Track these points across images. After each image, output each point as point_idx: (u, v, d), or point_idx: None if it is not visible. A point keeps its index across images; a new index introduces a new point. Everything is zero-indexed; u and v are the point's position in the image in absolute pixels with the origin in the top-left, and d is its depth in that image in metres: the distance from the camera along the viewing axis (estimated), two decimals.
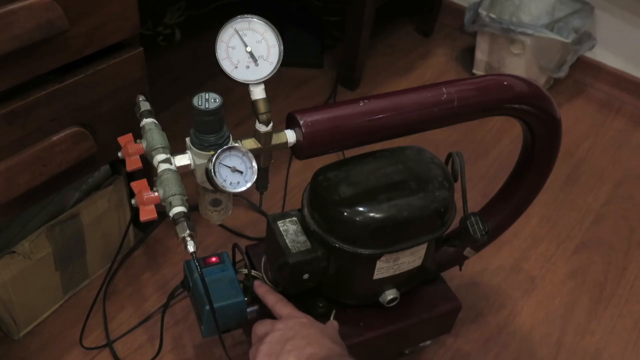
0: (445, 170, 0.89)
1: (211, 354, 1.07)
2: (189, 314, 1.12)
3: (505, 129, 1.61)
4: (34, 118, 0.82)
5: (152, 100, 0.85)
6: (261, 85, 0.71)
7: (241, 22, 0.69)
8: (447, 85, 0.80)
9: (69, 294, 1.12)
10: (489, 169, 1.50)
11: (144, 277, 1.18)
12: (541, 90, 0.86)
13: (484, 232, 0.86)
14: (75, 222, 1.03)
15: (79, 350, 1.05)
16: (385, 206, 0.82)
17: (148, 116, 0.79)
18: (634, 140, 1.66)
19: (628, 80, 1.77)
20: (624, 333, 1.19)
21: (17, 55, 0.74)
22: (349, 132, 0.76)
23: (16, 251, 0.95)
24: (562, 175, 1.50)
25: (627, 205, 1.46)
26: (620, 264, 1.32)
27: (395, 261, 0.88)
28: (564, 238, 1.36)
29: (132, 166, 0.74)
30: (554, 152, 0.94)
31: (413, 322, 0.97)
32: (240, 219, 1.30)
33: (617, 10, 1.70)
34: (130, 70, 0.92)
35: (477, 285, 1.24)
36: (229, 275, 0.92)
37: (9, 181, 0.82)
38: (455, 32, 1.96)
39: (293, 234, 0.87)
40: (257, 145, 0.73)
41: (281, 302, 0.85)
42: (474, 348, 1.13)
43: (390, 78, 1.75)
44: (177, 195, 0.68)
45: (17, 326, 1.04)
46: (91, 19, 0.82)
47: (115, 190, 1.08)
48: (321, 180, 0.85)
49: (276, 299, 0.86)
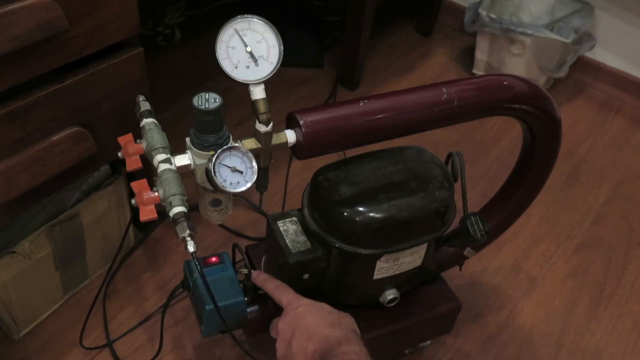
0: (445, 170, 0.89)
1: (211, 354, 1.07)
2: (189, 314, 1.12)
3: (505, 129, 1.61)
4: (34, 118, 0.82)
5: (152, 100, 0.85)
6: (261, 85, 0.71)
7: (241, 22, 0.69)
8: (447, 85, 0.80)
9: (69, 294, 1.12)
10: (489, 169, 1.50)
11: (144, 277, 1.18)
12: (541, 90, 0.86)
13: (484, 232, 0.86)
14: (75, 222, 1.03)
15: (79, 350, 1.05)
16: (385, 206, 0.82)
17: (148, 116, 0.79)
18: (634, 140, 1.66)
19: (628, 80, 1.77)
20: (624, 333, 1.19)
21: (17, 55, 0.74)
22: (349, 132, 0.76)
23: (16, 251, 0.95)
24: (562, 175, 1.50)
25: (627, 205, 1.46)
26: (620, 264, 1.32)
27: (395, 261, 0.88)
28: (564, 238, 1.36)
29: (132, 166, 0.74)
30: (554, 152, 0.94)
31: (413, 322, 0.97)
32: (240, 219, 1.30)
33: (617, 10, 1.70)
34: (130, 70, 0.92)
35: (477, 285, 1.24)
36: (229, 275, 0.92)
37: (9, 181, 0.82)
38: (455, 32, 1.96)
39: (293, 234, 0.87)
40: (257, 145, 0.73)
41: (280, 288, 0.84)
42: (474, 348, 1.13)
43: (390, 78, 1.75)
44: (177, 195, 0.68)
45: (17, 326, 1.04)
46: (91, 19, 0.82)
47: (115, 190, 1.08)
48: (321, 180, 0.85)
49: (275, 285, 0.85)
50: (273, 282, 0.86)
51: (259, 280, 0.88)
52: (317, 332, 0.74)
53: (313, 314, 0.77)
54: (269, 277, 0.88)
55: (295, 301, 0.80)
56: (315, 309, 0.78)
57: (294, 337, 0.76)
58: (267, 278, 0.87)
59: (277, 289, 0.84)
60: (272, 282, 0.86)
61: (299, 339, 0.75)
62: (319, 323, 0.75)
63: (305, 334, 0.75)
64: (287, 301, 0.81)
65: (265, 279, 0.87)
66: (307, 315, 0.77)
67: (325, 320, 0.76)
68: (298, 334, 0.75)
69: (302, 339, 0.74)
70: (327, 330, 0.74)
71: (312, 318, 0.76)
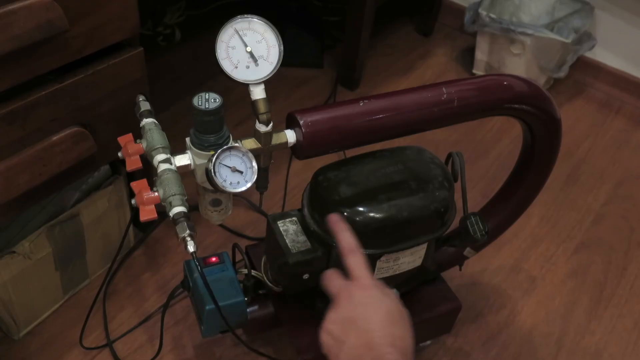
0: (445, 170, 0.89)
1: (211, 354, 1.07)
2: (189, 314, 1.12)
3: (505, 129, 1.61)
4: (34, 118, 0.82)
5: (152, 100, 0.85)
6: (261, 85, 0.71)
7: (241, 22, 0.69)
8: (447, 85, 0.80)
9: (69, 294, 1.12)
10: (489, 169, 1.50)
11: (144, 277, 1.18)
12: (541, 90, 0.86)
13: (484, 232, 0.86)
14: (75, 222, 1.03)
15: (79, 350, 1.05)
16: (385, 206, 0.82)
17: (148, 116, 0.79)
18: (634, 140, 1.66)
19: (628, 80, 1.77)
20: (624, 333, 1.19)
21: (17, 55, 0.74)
22: (349, 132, 0.76)
23: (16, 251, 0.95)
24: (562, 175, 1.50)
25: (627, 205, 1.46)
26: (620, 264, 1.32)
27: (395, 261, 0.88)
28: (564, 238, 1.36)
29: (132, 166, 0.74)
30: (554, 152, 0.94)
31: (413, 322, 0.97)
32: (240, 219, 1.30)
33: (617, 10, 1.70)
34: (130, 70, 0.92)
35: (477, 285, 1.24)
36: (229, 275, 0.92)
37: (9, 181, 0.82)
38: (455, 32, 1.96)
39: (293, 234, 0.87)
40: (257, 145, 0.73)
41: (354, 254, 0.71)
42: (474, 348, 1.13)
43: (390, 78, 1.75)
44: (177, 195, 0.68)
45: (17, 326, 1.04)
46: (91, 19, 0.82)
47: (115, 190, 1.08)
48: (321, 180, 0.85)
49: (350, 247, 0.72)
50: (348, 240, 0.72)
51: (336, 227, 0.74)
52: (376, 349, 0.64)
53: (382, 315, 0.67)
54: (348, 228, 0.73)
55: (367, 281, 0.69)
56: (385, 308, 0.68)
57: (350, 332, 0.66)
58: (345, 229, 0.73)
59: (350, 252, 0.71)
60: (348, 239, 0.72)
61: (356, 340, 0.65)
62: (383, 334, 0.65)
63: (364, 337, 0.65)
64: (357, 277, 0.70)
65: (343, 229, 0.73)
66: (374, 313, 0.67)
67: (389, 332, 0.66)
68: (358, 333, 0.66)
69: (359, 342, 0.65)
70: (388, 350, 0.64)
71: (378, 324, 0.66)
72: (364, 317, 0.66)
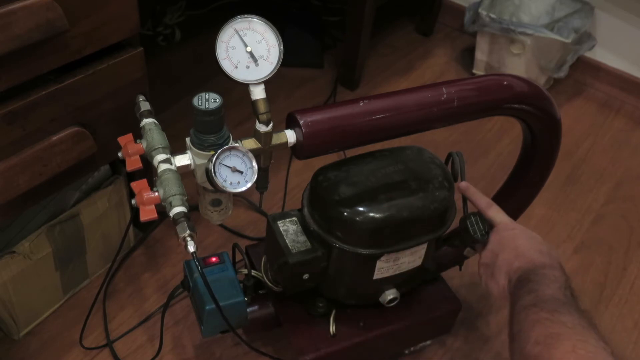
0: (445, 170, 0.89)
1: (211, 354, 1.07)
2: (189, 314, 1.12)
3: (505, 129, 1.61)
4: (34, 118, 0.82)
5: (152, 100, 0.85)
6: (261, 85, 0.71)
7: (241, 22, 0.70)
8: (447, 85, 0.80)
9: (69, 294, 1.12)
10: (489, 169, 1.50)
11: (144, 277, 1.18)
12: (541, 90, 0.86)
13: (484, 232, 0.86)
14: (75, 222, 1.03)
15: (79, 350, 1.05)
16: (385, 206, 0.82)
17: (148, 116, 0.79)
18: (634, 140, 1.66)
19: (628, 80, 1.77)
20: (624, 333, 1.19)
21: (17, 55, 0.74)
22: (349, 132, 0.76)
23: (16, 251, 0.95)
24: (562, 175, 1.50)
25: (627, 205, 1.46)
26: (620, 264, 1.32)
27: (395, 261, 0.88)
28: (564, 238, 1.36)
29: (132, 166, 0.74)
30: (554, 152, 0.94)
31: (413, 322, 0.97)
32: (240, 219, 1.30)
33: (617, 10, 1.71)
34: (130, 70, 0.92)
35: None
36: (229, 275, 0.92)
37: (9, 181, 0.82)
38: (455, 32, 1.96)
39: (293, 234, 0.87)
40: (257, 145, 0.73)
41: (492, 208, 0.87)
42: (474, 348, 1.13)
43: (390, 78, 1.75)
44: (177, 195, 0.68)
45: (17, 326, 1.04)
46: (91, 19, 0.82)
47: (115, 190, 1.08)
48: (321, 180, 0.85)
49: (487, 203, 0.87)
50: (484, 199, 0.88)
51: (469, 192, 0.90)
52: (526, 254, 0.79)
53: (526, 238, 0.82)
54: (478, 191, 0.89)
55: (511, 224, 0.85)
56: (528, 235, 0.82)
57: (502, 251, 0.81)
58: (476, 192, 0.89)
59: (489, 207, 0.87)
60: (484, 199, 0.88)
61: (508, 254, 0.80)
62: (530, 247, 0.80)
63: (514, 252, 0.80)
64: (501, 222, 0.85)
65: (476, 192, 0.89)
66: (519, 238, 0.82)
67: (536, 247, 0.80)
68: (508, 250, 0.80)
69: (511, 255, 0.79)
70: (536, 255, 0.79)
71: (524, 242, 0.81)
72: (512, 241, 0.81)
